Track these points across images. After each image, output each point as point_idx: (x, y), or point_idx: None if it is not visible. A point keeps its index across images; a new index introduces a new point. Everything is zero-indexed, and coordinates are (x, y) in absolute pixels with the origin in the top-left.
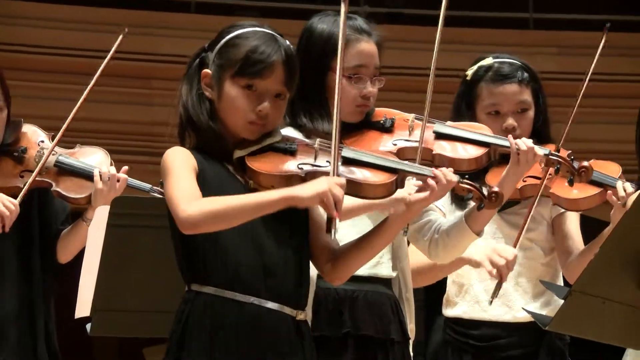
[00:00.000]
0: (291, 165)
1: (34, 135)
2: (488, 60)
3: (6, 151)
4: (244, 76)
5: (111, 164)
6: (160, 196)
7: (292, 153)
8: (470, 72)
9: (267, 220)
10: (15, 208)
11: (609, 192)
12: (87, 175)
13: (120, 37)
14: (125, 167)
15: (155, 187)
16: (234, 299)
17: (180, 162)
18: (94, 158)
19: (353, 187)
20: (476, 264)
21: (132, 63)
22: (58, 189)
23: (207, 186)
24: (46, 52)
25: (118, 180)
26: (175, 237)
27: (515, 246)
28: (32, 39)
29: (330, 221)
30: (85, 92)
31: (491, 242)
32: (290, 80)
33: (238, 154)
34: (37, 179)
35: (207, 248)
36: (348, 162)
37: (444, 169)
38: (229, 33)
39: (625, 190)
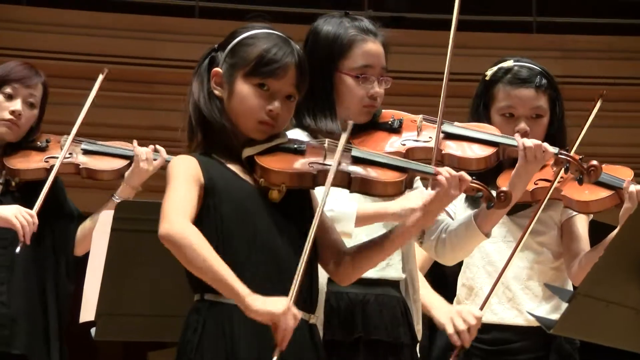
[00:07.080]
0: (302, 164)
1: (53, 135)
2: (509, 63)
3: (30, 145)
4: (257, 75)
5: None
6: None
7: (301, 153)
8: (489, 72)
9: (277, 221)
10: (33, 219)
11: (621, 191)
12: (116, 154)
13: (101, 77)
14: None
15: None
16: None
17: (182, 173)
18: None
19: (364, 185)
20: (439, 324)
21: (136, 67)
22: (87, 166)
23: (218, 192)
24: (51, 57)
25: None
26: None
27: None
28: (38, 44)
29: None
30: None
31: (456, 307)
32: (301, 82)
33: (247, 152)
34: (64, 161)
35: (223, 259)
36: (358, 161)
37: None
38: (241, 33)
39: (635, 192)
